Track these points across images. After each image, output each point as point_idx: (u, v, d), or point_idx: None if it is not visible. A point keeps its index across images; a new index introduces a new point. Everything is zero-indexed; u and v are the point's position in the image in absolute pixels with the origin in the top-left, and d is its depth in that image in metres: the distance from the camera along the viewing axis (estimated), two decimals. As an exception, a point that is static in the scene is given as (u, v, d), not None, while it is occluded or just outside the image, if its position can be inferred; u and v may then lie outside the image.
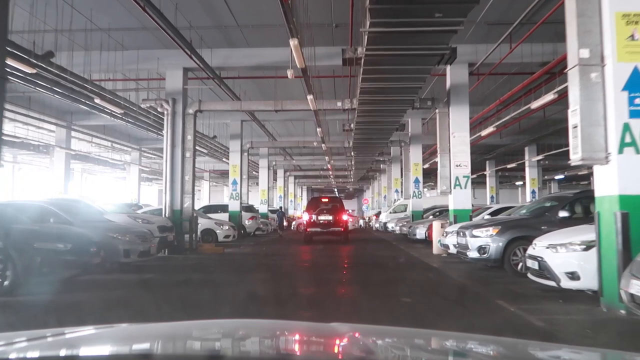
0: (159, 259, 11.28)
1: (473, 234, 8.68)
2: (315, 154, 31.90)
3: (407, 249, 15.37)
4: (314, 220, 17.69)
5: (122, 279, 8.21)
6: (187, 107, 13.69)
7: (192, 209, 13.70)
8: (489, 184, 35.88)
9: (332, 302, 6.26)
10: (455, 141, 13.06)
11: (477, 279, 8.40)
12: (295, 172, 40.86)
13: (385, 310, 5.62)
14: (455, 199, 13.03)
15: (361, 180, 45.86)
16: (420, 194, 20.84)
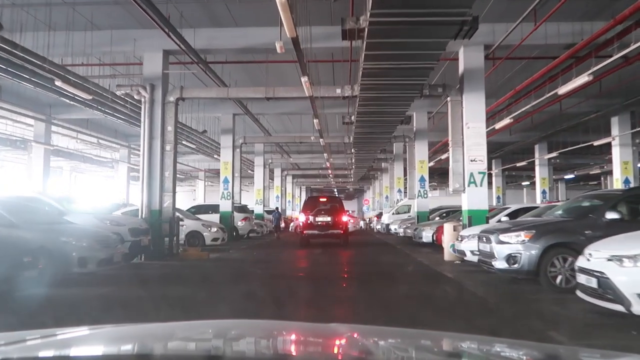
0: (130, 267, 9.76)
1: (500, 239, 7.15)
2: (313, 151, 30.40)
3: (414, 253, 13.85)
4: (311, 222, 16.17)
5: (60, 295, 6.56)
6: (168, 95, 12.18)
7: (173, 209, 12.18)
8: (495, 183, 34.35)
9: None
10: (470, 133, 11.55)
11: (507, 296, 6.87)
12: (293, 171, 39.36)
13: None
14: (470, 198, 11.52)
15: (362, 180, 44.33)
16: (426, 194, 19.32)
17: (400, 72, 9.85)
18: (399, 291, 7.10)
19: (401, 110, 13.33)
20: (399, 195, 27.14)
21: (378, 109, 13.05)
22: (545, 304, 5.99)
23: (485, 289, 7.37)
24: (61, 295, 6.52)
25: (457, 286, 7.70)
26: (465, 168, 11.55)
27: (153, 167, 11.88)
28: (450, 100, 11.84)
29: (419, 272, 9.89)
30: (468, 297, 6.86)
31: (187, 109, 18.42)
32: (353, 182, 43.22)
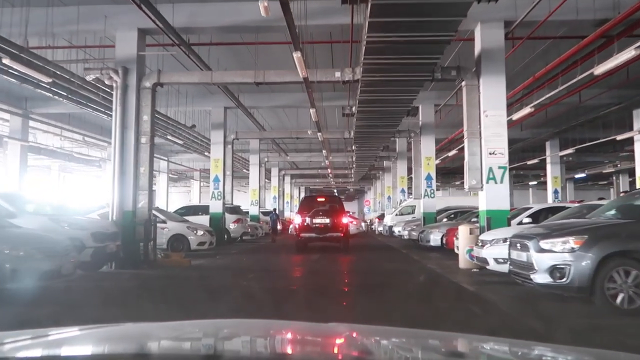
0: (90, 279, 8.28)
1: (541, 246, 5.66)
2: (312, 150, 28.91)
3: (423, 259, 12.36)
4: (308, 224, 14.69)
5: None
6: (144, 79, 10.70)
7: (150, 210, 10.70)
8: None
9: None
10: (488, 122, 10.07)
11: (553, 320, 5.37)
12: (292, 171, 37.87)
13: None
14: (489, 197, 10.03)
15: (362, 180, 42.84)
16: (433, 193, 17.83)
17: (410, 47, 8.37)
18: (412, 311, 5.60)
19: (409, 98, 11.85)
20: (402, 195, 25.67)
21: (382, 96, 11.57)
22: (614, 336, 4.50)
23: (520, 309, 5.89)
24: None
25: (485, 304, 6.20)
26: (483, 162, 10.07)
27: (126, 161, 10.40)
28: (466, 85, 10.35)
29: (433, 283, 8.40)
30: (502, 320, 5.36)
31: (173, 102, 16.98)
32: (353, 182, 41.74)
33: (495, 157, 10.02)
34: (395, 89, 11.04)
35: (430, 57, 9.05)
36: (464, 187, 10.81)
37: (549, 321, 5.21)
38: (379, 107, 12.67)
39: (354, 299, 6.93)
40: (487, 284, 7.91)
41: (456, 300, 6.54)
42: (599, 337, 4.49)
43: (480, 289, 7.27)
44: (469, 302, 6.46)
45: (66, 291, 6.86)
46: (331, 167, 32.35)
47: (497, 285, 7.70)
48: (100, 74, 10.32)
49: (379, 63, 9.18)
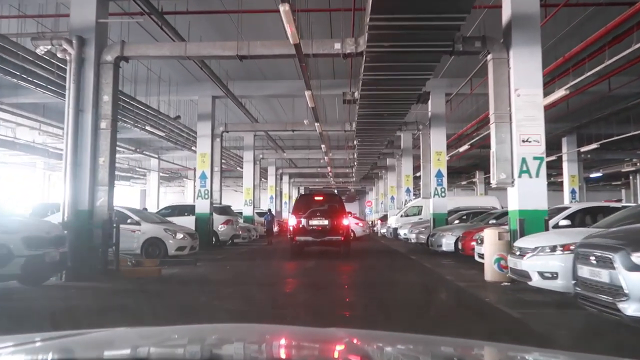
0: (10, 297, 6.49)
1: (636, 262, 3.84)
2: (311, 147, 27.13)
3: (437, 267, 10.55)
4: (304, 226, 12.89)
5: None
6: (104, 52, 8.90)
7: (110, 209, 8.89)
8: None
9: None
10: (521, 103, 8.26)
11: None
12: (290, 170, 36.05)
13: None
14: (522, 194, 8.21)
15: (364, 180, 41.01)
16: (444, 192, 16.00)
17: (428, 4, 6.57)
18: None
19: (421, 78, 10.04)
20: (407, 195, 23.86)
21: (390, 75, 9.77)
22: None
23: (611, 352, 4.07)
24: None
25: (544, 341, 4.37)
26: (515, 152, 8.26)
27: (81, 150, 8.60)
28: (493, 59, 8.53)
29: (460, 303, 6.57)
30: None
31: (154, 90, 15.20)
32: (355, 182, 39.94)
33: (529, 145, 8.21)
34: (406, 65, 9.24)
35: (453, 20, 7.25)
36: (472, 186, 9.25)
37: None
38: (385, 89, 10.87)
39: (358, 329, 5.09)
40: (531, 305, 6.09)
41: (499, 334, 4.71)
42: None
43: (526, 316, 5.44)
44: (519, 336, 4.64)
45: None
46: (331, 165, 30.54)
47: (546, 308, 5.89)
48: (51, 45, 8.52)
49: (388, 26, 7.38)
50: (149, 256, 11.76)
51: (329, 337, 1.46)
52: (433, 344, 1.49)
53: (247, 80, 16.31)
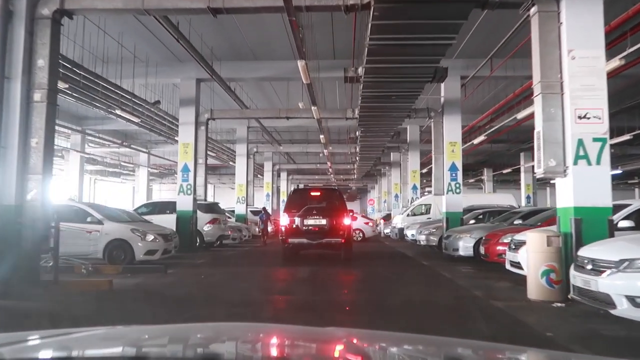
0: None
1: None
2: (310, 140, 25.19)
3: (458, 278, 8.62)
4: (298, 227, 10.97)
5: None
6: (39, 4, 6.97)
7: (46, 205, 6.97)
8: (524, 181, 29.08)
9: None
10: (576, 68, 6.34)
11: None
12: (288, 166, 34.13)
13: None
14: (579, 186, 6.28)
15: (366, 178, 39.08)
16: (459, 188, 14.06)
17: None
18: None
19: (442, 44, 8.08)
20: (413, 192, 21.95)
21: (404, 40, 7.83)
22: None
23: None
24: None
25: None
26: (568, 131, 6.33)
27: (6, 128, 6.68)
28: (538, 12, 6.59)
29: (509, 338, 4.59)
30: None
31: (128, 72, 13.27)
32: (356, 180, 38.02)
33: (588, 123, 6.28)
34: (425, 24, 7.29)
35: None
36: (480, 184, 7.35)
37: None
38: (396, 61, 8.94)
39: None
40: (616, 342, 4.17)
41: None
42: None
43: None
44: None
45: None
46: (331, 160, 28.61)
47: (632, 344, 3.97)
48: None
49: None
50: (113, 261, 9.88)
51: (328, 336, 1.45)
52: (433, 344, 1.48)
53: (235, 61, 14.40)
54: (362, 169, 28.75)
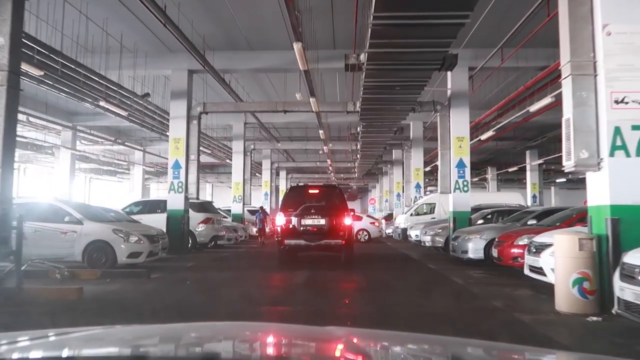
0: None
1: None
2: (309, 138, 24.36)
3: (471, 285, 7.78)
4: (295, 227, 10.12)
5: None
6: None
7: (6, 201, 6.13)
8: (530, 179, 28.25)
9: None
10: (612, 45, 5.50)
11: None
12: (287, 164, 33.31)
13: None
14: (615, 181, 5.43)
15: (366, 176, 38.27)
16: (467, 186, 13.23)
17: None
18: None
19: (455, 23, 7.23)
20: (416, 191, 21.10)
21: (412, 18, 6.99)
22: None
23: None
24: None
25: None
26: (603, 118, 5.49)
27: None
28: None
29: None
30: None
31: (115, 63, 12.45)
32: (357, 178, 37.20)
33: (627, 108, 5.44)
34: None
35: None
36: (483, 183, 6.39)
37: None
38: (402, 45, 8.10)
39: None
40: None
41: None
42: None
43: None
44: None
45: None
46: (331, 159, 27.80)
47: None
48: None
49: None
50: (93, 265, 9.06)
51: (328, 335, 1.44)
52: (432, 343, 1.48)
53: (229, 51, 13.57)
54: (363, 167, 27.92)
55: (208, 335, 1.44)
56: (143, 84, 14.87)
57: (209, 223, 14.56)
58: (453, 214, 13.20)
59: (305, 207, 10.28)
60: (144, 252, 9.45)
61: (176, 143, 13.65)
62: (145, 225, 10.90)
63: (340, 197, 10.92)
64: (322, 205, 10.46)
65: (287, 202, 10.77)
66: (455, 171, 13.17)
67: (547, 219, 9.86)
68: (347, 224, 10.32)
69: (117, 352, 1.26)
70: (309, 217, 10.13)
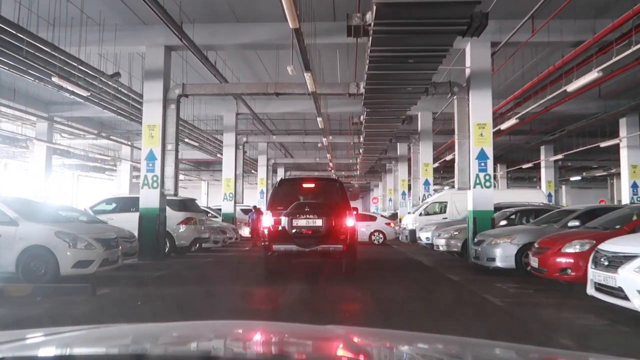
0: None
1: None
2: (307, 131, 22.45)
3: (514, 306, 5.88)
4: (285, 229, 8.19)
5: None
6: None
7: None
8: (546, 177, 26.35)
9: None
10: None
11: None
12: (284, 161, 31.44)
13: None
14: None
15: (369, 174, 36.39)
16: (489, 180, 11.31)
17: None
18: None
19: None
20: (424, 189, 19.18)
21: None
22: None
23: None
24: None
25: None
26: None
27: None
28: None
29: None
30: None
31: (73, 39, 10.57)
32: (359, 176, 35.31)
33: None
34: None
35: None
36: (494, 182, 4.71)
37: None
38: None
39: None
40: None
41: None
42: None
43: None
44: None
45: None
46: (332, 154, 25.90)
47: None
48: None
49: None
50: (30, 277, 7.18)
51: (328, 334, 1.43)
52: (432, 342, 1.48)
53: (212, 24, 11.70)
54: (366, 163, 26.00)
55: (209, 334, 1.43)
56: (116, 64, 12.95)
57: (190, 223, 12.66)
58: (473, 213, 11.28)
59: (298, 205, 8.36)
60: (95, 260, 7.54)
61: (150, 131, 11.76)
62: (104, 227, 9.03)
63: (341, 191, 8.99)
64: (318, 203, 8.54)
65: (276, 198, 8.83)
66: (475, 163, 11.25)
67: (597, 221, 7.95)
68: (349, 226, 8.40)
69: (117, 350, 1.25)
70: (303, 217, 8.20)
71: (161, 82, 11.73)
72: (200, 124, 21.10)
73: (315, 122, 17.93)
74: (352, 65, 12.49)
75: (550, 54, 12.75)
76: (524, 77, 14.26)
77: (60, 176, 32.57)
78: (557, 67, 11.01)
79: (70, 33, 10.65)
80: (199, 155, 27.99)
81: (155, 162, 11.68)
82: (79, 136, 23.46)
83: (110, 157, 27.01)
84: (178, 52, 12.30)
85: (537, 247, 7.54)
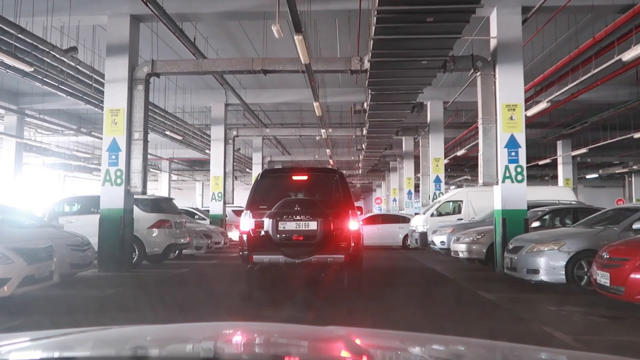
0: None
1: None
2: (305, 124, 20.48)
3: (598, 349, 3.89)
4: (269, 234, 6.25)
5: None
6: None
7: None
8: (563, 174, 24.36)
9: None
10: None
11: None
12: (281, 158, 29.48)
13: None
14: None
15: (371, 173, 34.49)
16: (522, 173, 9.35)
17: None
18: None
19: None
20: (435, 187, 17.21)
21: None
22: None
23: None
24: None
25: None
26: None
27: None
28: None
29: None
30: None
31: (24, 8, 8.67)
32: (360, 175, 33.38)
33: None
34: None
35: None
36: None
37: None
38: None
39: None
40: None
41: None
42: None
43: None
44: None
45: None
46: (332, 152, 23.96)
47: None
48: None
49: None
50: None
51: (328, 334, 1.41)
52: (433, 342, 1.48)
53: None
54: (369, 159, 24.07)
55: (209, 335, 1.42)
56: (79, 41, 10.98)
57: (164, 227, 10.70)
58: (502, 213, 9.31)
59: (286, 203, 6.40)
60: (12, 279, 5.58)
61: (114, 116, 9.82)
62: (39, 233, 7.07)
63: (342, 187, 7.00)
64: (313, 200, 6.59)
65: (257, 194, 6.84)
66: (504, 153, 9.32)
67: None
68: (352, 229, 6.45)
69: (117, 352, 1.25)
70: (292, 219, 6.25)
71: (126, 59, 9.80)
72: (186, 117, 19.20)
73: (313, 114, 16.01)
74: (354, 39, 10.54)
75: (589, 23, 10.80)
76: (551, 55, 12.34)
77: (43, 176, 30.71)
78: (608, 32, 9.01)
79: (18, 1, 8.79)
80: (192, 154, 26.17)
81: (119, 153, 9.75)
82: (57, 132, 21.51)
83: (91, 154, 25.02)
84: (147, 25, 10.36)
85: (608, 257, 5.57)
